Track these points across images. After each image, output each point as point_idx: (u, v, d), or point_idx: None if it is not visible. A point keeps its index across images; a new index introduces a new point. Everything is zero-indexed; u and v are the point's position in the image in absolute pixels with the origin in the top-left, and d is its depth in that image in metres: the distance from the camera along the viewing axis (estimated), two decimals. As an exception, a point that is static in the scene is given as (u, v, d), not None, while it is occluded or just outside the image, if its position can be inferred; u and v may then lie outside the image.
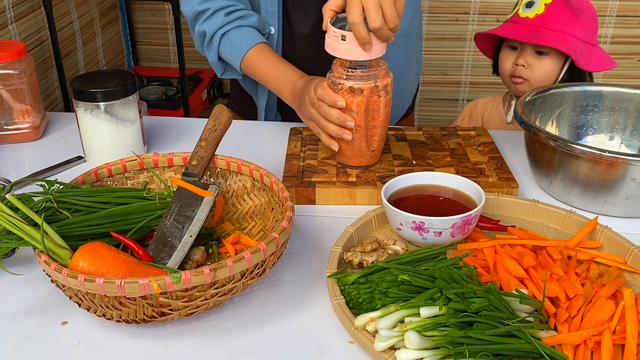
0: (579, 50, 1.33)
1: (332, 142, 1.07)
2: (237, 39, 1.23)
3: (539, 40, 1.33)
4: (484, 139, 1.22)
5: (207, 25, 1.23)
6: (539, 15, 1.35)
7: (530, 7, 1.36)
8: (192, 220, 0.90)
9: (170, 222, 0.89)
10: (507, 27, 1.38)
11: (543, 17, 1.34)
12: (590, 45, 1.36)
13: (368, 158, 1.10)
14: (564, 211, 0.97)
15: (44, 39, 2.14)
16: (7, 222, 0.78)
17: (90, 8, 2.53)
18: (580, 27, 1.34)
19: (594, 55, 1.36)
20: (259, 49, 1.23)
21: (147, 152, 1.26)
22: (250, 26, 1.24)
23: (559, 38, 1.32)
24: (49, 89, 2.20)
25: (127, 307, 0.75)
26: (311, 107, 1.08)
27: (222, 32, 1.23)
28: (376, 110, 1.05)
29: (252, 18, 1.24)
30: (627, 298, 0.76)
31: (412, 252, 0.86)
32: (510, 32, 1.37)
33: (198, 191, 0.92)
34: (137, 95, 1.20)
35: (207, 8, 1.23)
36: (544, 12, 1.34)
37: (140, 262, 0.81)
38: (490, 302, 0.71)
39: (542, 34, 1.33)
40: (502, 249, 0.87)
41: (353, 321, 0.74)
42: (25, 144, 1.32)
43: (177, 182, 0.94)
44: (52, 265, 0.73)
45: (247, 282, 0.79)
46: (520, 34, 1.35)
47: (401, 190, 0.98)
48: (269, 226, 0.96)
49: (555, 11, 1.34)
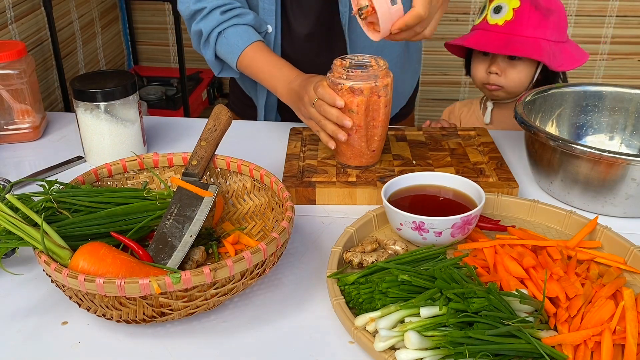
0: (552, 53, 1.32)
1: (330, 141, 1.08)
2: (234, 38, 1.23)
3: (511, 50, 1.31)
4: (484, 139, 1.22)
5: (203, 24, 1.24)
6: (508, 21, 1.33)
7: (499, 12, 1.34)
8: (192, 220, 0.90)
9: (170, 222, 0.89)
10: (477, 36, 1.36)
11: (513, 24, 1.32)
12: (562, 44, 1.35)
13: (368, 158, 1.10)
14: (564, 211, 0.97)
15: (44, 39, 2.14)
16: (7, 222, 0.78)
17: (90, 8, 2.53)
18: (551, 28, 1.33)
19: (565, 54, 1.35)
20: (255, 47, 1.23)
21: (147, 152, 1.26)
22: (246, 24, 1.24)
23: (531, 45, 1.31)
24: (49, 89, 2.20)
25: (127, 307, 0.75)
26: (311, 107, 1.08)
27: (218, 30, 1.23)
28: (376, 110, 1.05)
29: (248, 16, 1.24)
30: (627, 298, 0.76)
31: (412, 252, 0.86)
32: (481, 43, 1.35)
33: (198, 191, 0.92)
34: (137, 95, 1.20)
35: (203, 7, 1.23)
36: (513, 18, 1.32)
37: (140, 262, 0.81)
38: (490, 302, 0.71)
39: (513, 43, 1.31)
40: (502, 249, 0.87)
41: (353, 321, 0.74)
42: (25, 144, 1.32)
43: (177, 182, 0.94)
44: (52, 265, 0.73)
45: (247, 282, 0.79)
46: (491, 44, 1.33)
47: (401, 190, 0.98)
48: (269, 226, 0.96)
49: (525, 16, 1.32)
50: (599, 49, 2.74)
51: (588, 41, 2.73)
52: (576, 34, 2.71)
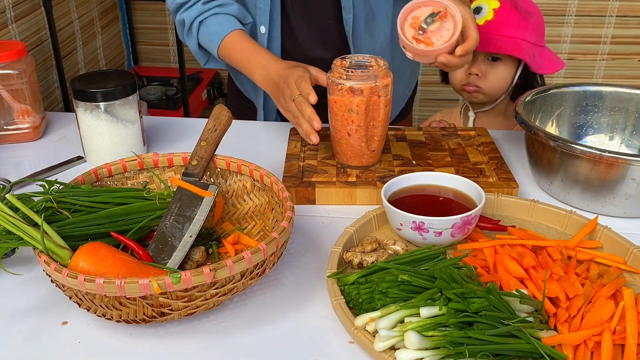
0: (532, 54, 1.33)
1: (312, 134, 1.07)
2: (214, 26, 1.24)
3: (493, 48, 1.32)
4: (484, 139, 1.22)
5: (186, 14, 1.25)
6: (489, 21, 1.33)
7: (479, 13, 1.35)
8: (192, 220, 0.90)
9: (170, 222, 0.89)
10: None
11: (493, 23, 1.33)
12: (541, 48, 1.36)
13: (368, 158, 1.10)
14: (564, 211, 0.97)
15: (44, 39, 2.14)
16: (7, 222, 0.78)
17: (90, 8, 2.53)
18: (530, 30, 1.34)
19: (544, 58, 1.36)
20: (236, 34, 1.23)
21: (147, 152, 1.26)
22: (228, 14, 1.25)
23: (512, 44, 1.31)
24: (49, 89, 2.20)
25: (127, 307, 0.75)
26: (291, 102, 1.09)
27: (200, 19, 1.25)
28: (376, 111, 1.05)
29: (231, 7, 1.25)
30: (627, 298, 0.76)
31: (412, 252, 0.86)
32: None
33: (198, 191, 0.92)
34: (137, 95, 1.20)
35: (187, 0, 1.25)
36: (494, 18, 1.33)
37: (140, 262, 0.81)
38: (490, 302, 0.71)
39: (494, 41, 1.32)
40: (502, 249, 0.87)
41: (353, 321, 0.74)
42: (25, 144, 1.32)
43: (177, 182, 0.94)
44: (52, 265, 0.73)
45: (247, 282, 0.79)
46: None
47: (401, 190, 0.98)
48: (269, 226, 0.96)
49: (505, 16, 1.33)
50: (599, 49, 2.74)
51: (588, 41, 2.73)
52: (576, 34, 2.71)
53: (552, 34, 2.71)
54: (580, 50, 2.74)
